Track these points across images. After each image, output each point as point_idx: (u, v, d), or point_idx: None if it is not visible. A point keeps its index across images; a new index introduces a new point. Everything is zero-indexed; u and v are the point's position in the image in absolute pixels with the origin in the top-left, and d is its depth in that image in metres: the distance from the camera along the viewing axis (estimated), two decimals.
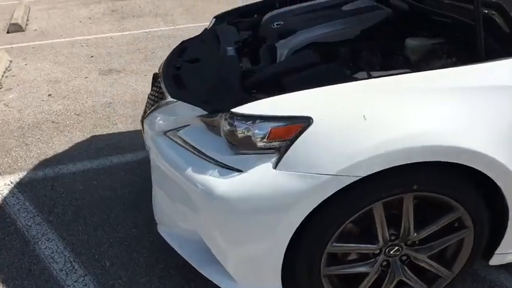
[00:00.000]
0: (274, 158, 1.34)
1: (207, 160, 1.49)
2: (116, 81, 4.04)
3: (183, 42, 2.42)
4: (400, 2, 1.92)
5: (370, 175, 1.28)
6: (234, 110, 1.41)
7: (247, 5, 2.76)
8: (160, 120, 1.77)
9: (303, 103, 1.35)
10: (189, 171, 1.49)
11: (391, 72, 1.51)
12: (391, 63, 1.64)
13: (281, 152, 1.33)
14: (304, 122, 1.31)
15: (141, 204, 2.34)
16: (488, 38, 1.47)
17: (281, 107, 1.36)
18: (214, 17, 2.68)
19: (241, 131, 1.39)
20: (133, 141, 2.99)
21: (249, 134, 1.38)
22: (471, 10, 1.62)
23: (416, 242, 1.53)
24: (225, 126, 1.47)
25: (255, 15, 2.65)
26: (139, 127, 3.15)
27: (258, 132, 1.34)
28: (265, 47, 1.96)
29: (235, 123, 1.40)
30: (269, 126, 1.34)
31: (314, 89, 1.36)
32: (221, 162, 1.45)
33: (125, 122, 3.28)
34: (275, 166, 1.33)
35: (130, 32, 5.62)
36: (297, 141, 1.31)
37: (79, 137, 3.11)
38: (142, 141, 2.06)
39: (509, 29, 1.47)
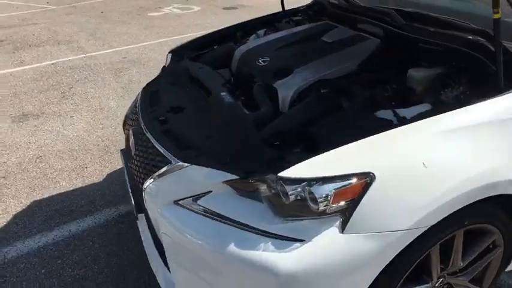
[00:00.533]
0: (339, 221, 1.24)
1: (249, 231, 1.32)
2: (37, 129, 3.48)
3: (147, 86, 2.16)
4: (383, 30, 1.96)
5: None
6: (282, 174, 1.27)
7: (203, 36, 2.58)
8: (168, 188, 1.53)
9: (360, 157, 1.26)
10: (233, 247, 1.30)
11: (416, 108, 1.52)
12: (406, 98, 1.65)
13: (347, 214, 1.23)
14: (366, 178, 1.22)
15: (130, 280, 2.02)
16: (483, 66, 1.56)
17: (337, 164, 1.26)
18: (170, 52, 2.46)
19: (293, 195, 1.26)
20: (87, 199, 2.59)
21: (303, 198, 1.25)
22: (461, 37, 1.72)
23: (458, 270, 1.56)
24: (268, 191, 1.32)
25: (214, 47, 2.50)
26: (89, 180, 2.77)
27: (318, 196, 1.22)
28: (260, 88, 1.83)
29: (285, 187, 1.26)
30: (331, 188, 1.22)
31: (365, 139, 1.28)
32: (270, 232, 1.29)
33: (68, 177, 2.83)
34: (342, 230, 1.23)
35: (32, 65, 4.93)
36: (362, 200, 1.22)
37: (16, 205, 2.59)
38: (100, 198, 1.77)
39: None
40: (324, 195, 1.22)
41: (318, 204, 1.22)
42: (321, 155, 1.27)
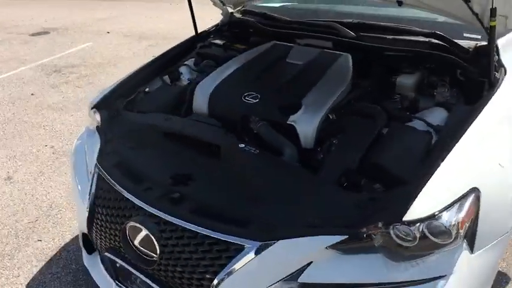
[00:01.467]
0: (465, 244, 1.24)
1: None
2: None
3: (104, 160, 1.67)
4: (346, 43, 2.00)
5: None
6: (407, 217, 1.18)
7: (126, 79, 2.13)
8: (248, 283, 1.25)
9: (461, 175, 1.28)
10: None
11: (437, 113, 1.62)
12: (412, 106, 1.74)
13: (470, 233, 1.24)
14: (475, 194, 1.25)
15: None
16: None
17: (445, 189, 1.24)
18: (93, 107, 1.95)
19: (418, 234, 1.19)
20: None
21: (425, 234, 1.20)
22: (421, 41, 1.92)
23: None
24: (382, 240, 1.21)
25: (145, 89, 2.12)
26: None
27: (447, 226, 1.19)
28: (268, 129, 1.63)
29: (411, 230, 1.18)
30: (455, 215, 1.21)
31: (450, 157, 1.30)
32: (405, 281, 1.20)
33: None
34: (471, 251, 1.24)
35: None
36: (479, 216, 1.25)
37: None
38: None
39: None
40: (452, 224, 1.20)
41: (449, 235, 1.19)
42: (426, 186, 1.24)
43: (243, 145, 1.52)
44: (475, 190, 1.26)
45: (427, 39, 1.93)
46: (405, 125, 1.55)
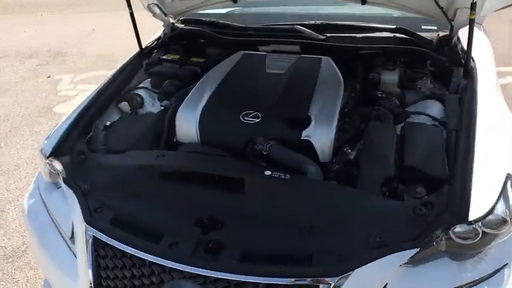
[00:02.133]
0: None
1: None
2: None
3: (97, 221, 1.37)
4: (320, 46, 1.94)
5: None
6: (473, 217, 1.18)
7: (79, 115, 1.78)
8: None
9: (493, 167, 1.32)
10: None
11: (431, 105, 1.67)
12: (402, 101, 1.77)
13: None
14: (511, 180, 1.32)
15: None
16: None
17: (490, 179, 1.28)
18: (47, 160, 1.61)
19: (481, 231, 1.21)
20: None
21: (487, 229, 1.22)
22: (388, 37, 1.97)
23: None
24: (446, 244, 1.21)
25: (107, 123, 1.81)
26: None
27: (504, 218, 1.22)
28: (280, 148, 1.50)
29: (479, 229, 1.19)
30: (505, 205, 1.25)
31: (476, 148, 1.35)
32: (480, 279, 1.22)
33: None
34: None
35: None
36: None
37: None
38: None
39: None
40: (507, 213, 1.24)
41: (507, 224, 1.23)
42: (473, 182, 1.26)
43: (269, 172, 1.37)
44: (509, 176, 1.32)
45: (392, 35, 1.99)
46: (419, 123, 1.57)
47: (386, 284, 1.18)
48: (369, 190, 1.34)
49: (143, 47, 2.25)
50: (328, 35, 2.04)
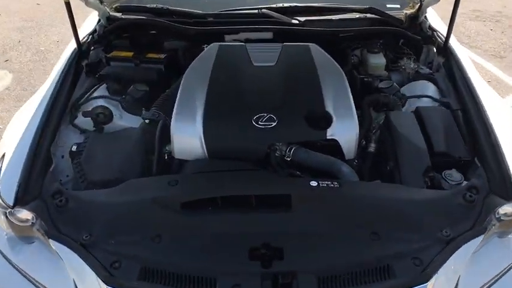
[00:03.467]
0: None
1: None
2: None
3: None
4: (298, 31, 1.78)
5: None
6: None
7: (31, 141, 1.37)
8: None
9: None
10: None
11: (426, 86, 1.68)
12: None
13: None
14: None
15: None
16: None
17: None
18: (10, 211, 1.22)
19: None
20: None
21: None
22: (362, 18, 1.93)
23: None
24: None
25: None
26: None
27: None
28: (305, 151, 1.36)
29: None
30: None
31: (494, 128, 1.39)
32: None
33: None
34: None
35: None
36: None
37: None
38: None
39: None
40: None
41: None
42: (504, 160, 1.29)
43: (315, 183, 1.22)
44: None
45: (363, 15, 1.95)
46: (432, 108, 1.56)
47: (459, 276, 1.16)
48: (414, 183, 1.29)
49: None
50: (299, 18, 1.91)
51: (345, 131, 1.40)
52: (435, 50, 1.90)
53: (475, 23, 5.08)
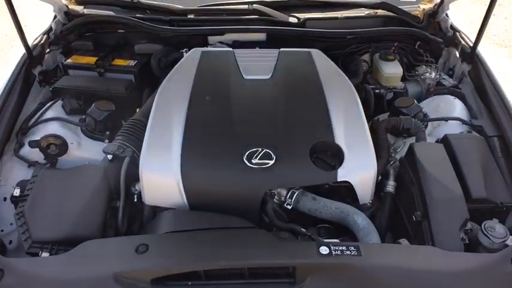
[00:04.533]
0: None
1: None
2: None
3: None
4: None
5: None
6: None
7: None
8: None
9: None
10: None
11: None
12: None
13: None
14: None
15: None
16: None
17: None
18: None
19: None
20: None
21: None
22: (373, 16, 1.62)
23: None
24: None
25: None
26: None
27: None
28: (315, 200, 1.09)
29: None
30: None
31: None
32: None
33: None
34: None
35: None
36: None
37: None
38: None
39: None
40: None
41: None
42: None
43: (326, 249, 0.94)
44: None
45: (373, 12, 1.64)
46: (464, 137, 1.28)
47: None
48: (449, 242, 1.03)
49: (30, 48, 1.48)
50: (298, 16, 1.59)
51: (360, 170, 1.12)
52: (457, 55, 1.60)
53: (476, 6, 4.78)
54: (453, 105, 1.41)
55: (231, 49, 1.47)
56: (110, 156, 1.15)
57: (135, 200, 1.16)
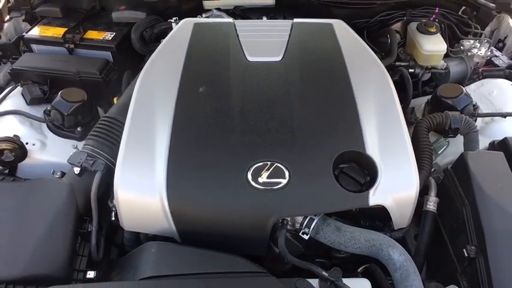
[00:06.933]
0: None
1: None
2: None
3: None
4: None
5: None
6: None
7: None
8: None
9: None
10: None
11: None
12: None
13: None
14: None
15: None
16: None
17: None
18: None
19: None
20: None
21: None
22: None
23: None
24: None
25: None
26: None
27: None
28: (334, 228, 0.85)
29: None
30: None
31: None
32: None
33: None
34: None
35: None
36: None
37: None
38: None
39: None
40: None
41: None
42: None
43: None
44: None
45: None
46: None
47: None
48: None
49: None
50: None
51: (397, 190, 0.86)
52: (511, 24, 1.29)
53: None
54: (509, 94, 1.12)
55: (231, 20, 1.17)
56: (77, 170, 0.90)
57: (113, 218, 0.93)
